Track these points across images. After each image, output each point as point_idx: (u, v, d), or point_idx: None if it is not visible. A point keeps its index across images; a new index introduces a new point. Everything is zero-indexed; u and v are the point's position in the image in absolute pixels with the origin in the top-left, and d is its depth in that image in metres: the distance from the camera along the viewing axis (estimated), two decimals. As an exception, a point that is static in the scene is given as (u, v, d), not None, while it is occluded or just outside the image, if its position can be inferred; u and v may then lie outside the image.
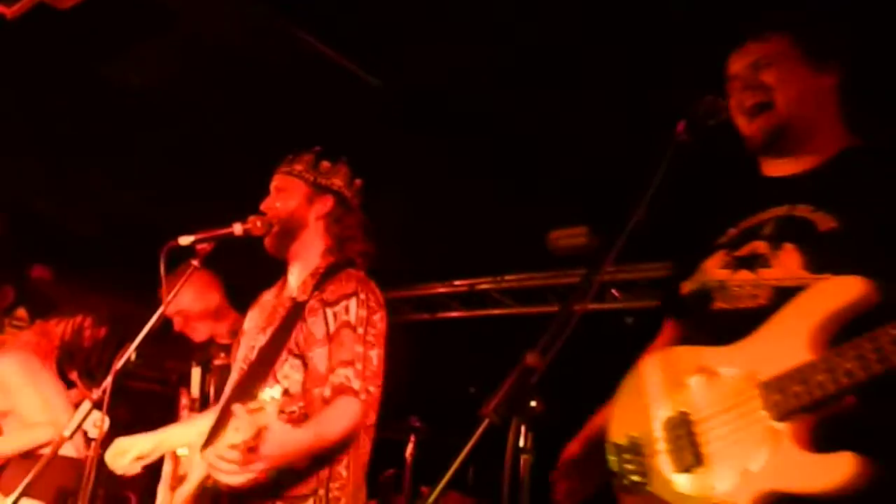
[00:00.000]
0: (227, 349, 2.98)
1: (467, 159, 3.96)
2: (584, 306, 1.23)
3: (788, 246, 1.32)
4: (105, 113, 3.74)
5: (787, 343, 1.22)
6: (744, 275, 1.36)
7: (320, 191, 2.01)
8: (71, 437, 1.61)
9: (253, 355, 1.89)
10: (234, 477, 1.52)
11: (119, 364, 1.67)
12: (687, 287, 1.48)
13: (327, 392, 1.75)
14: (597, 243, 4.15)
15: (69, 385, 4.00)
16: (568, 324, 1.13)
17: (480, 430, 1.04)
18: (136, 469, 1.93)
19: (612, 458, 1.41)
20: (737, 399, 1.25)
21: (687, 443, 1.29)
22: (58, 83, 3.56)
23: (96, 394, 1.63)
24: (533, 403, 1.04)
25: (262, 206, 1.99)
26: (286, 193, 1.99)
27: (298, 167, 2.02)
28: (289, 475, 1.72)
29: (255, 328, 1.99)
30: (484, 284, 5.19)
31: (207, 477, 1.63)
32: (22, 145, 4.18)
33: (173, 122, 3.77)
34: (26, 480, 2.78)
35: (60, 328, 3.96)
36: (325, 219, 2.00)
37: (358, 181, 2.11)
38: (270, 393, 1.39)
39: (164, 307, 1.77)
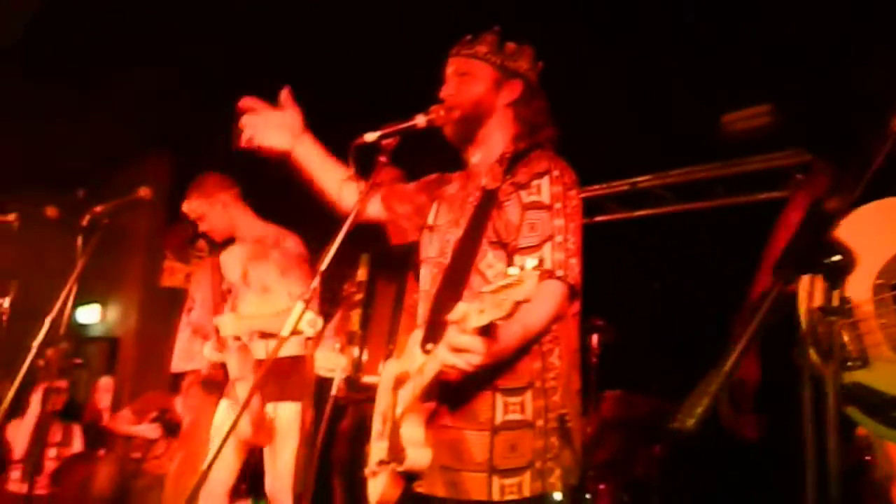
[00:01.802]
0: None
1: (619, 38, 3.63)
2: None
3: None
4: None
5: None
6: None
7: (508, 75, 1.88)
8: (288, 338, 1.63)
9: (450, 249, 1.84)
10: (474, 360, 1.45)
11: (322, 266, 1.66)
12: None
13: None
14: (782, 123, 3.73)
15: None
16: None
17: (772, 296, 0.87)
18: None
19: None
20: None
21: None
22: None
23: (305, 295, 1.64)
24: (836, 258, 0.85)
25: (442, 93, 1.88)
26: (470, 77, 1.86)
27: (482, 49, 1.88)
28: (503, 369, 1.68)
29: (445, 223, 1.92)
30: (645, 182, 4.91)
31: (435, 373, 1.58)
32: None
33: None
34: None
35: (241, 252, 4.17)
36: (514, 105, 1.88)
37: (540, 64, 1.96)
38: (529, 262, 1.29)
39: (359, 206, 1.73)
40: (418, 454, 1.64)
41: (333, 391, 2.87)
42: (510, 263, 1.68)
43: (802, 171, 4.30)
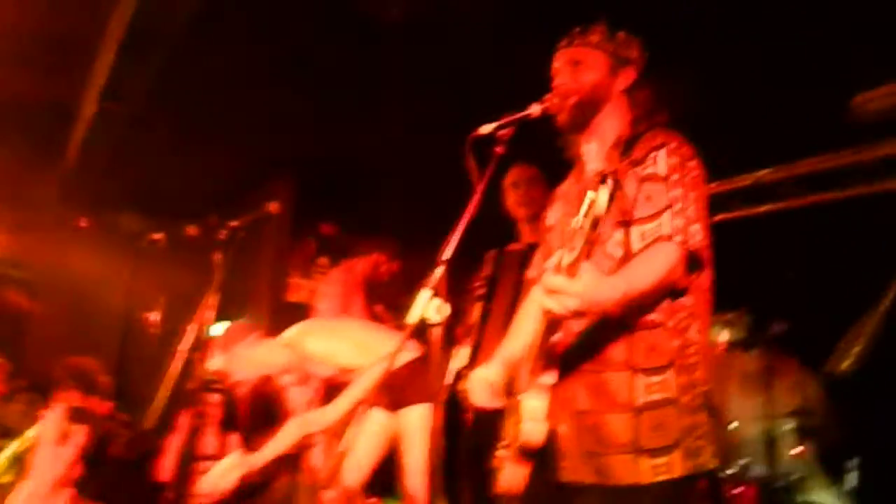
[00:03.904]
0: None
1: (733, 19, 3.48)
2: None
3: None
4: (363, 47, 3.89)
5: None
6: None
7: (621, 62, 1.90)
8: (414, 325, 1.68)
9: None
10: (569, 303, 1.43)
11: (446, 255, 1.71)
12: None
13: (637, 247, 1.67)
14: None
15: (375, 319, 4.39)
16: None
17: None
18: (498, 403, 1.86)
19: None
20: None
21: None
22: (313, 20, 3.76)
23: (430, 283, 1.69)
24: None
25: (556, 83, 1.90)
26: (584, 65, 1.88)
27: (594, 38, 1.90)
28: (642, 348, 1.65)
29: (564, 217, 1.93)
30: (769, 175, 4.67)
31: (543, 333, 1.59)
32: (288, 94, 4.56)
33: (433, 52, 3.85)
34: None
35: (360, 266, 4.35)
36: (629, 91, 1.90)
37: (647, 53, 1.96)
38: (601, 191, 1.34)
39: (477, 198, 1.77)
40: (533, 428, 1.61)
41: (448, 381, 2.92)
42: (627, 236, 1.68)
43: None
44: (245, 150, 5.42)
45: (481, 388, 1.86)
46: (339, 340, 3.29)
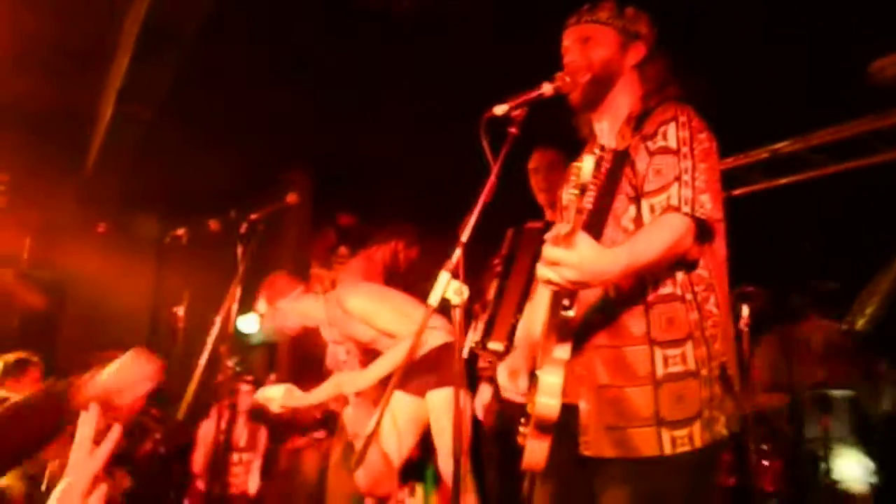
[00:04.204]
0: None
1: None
2: None
3: None
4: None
5: None
6: None
7: (631, 38, 1.89)
8: (436, 306, 1.70)
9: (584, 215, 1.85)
10: (568, 274, 1.44)
11: (464, 237, 1.72)
12: None
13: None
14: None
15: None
16: None
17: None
18: (521, 389, 1.88)
19: None
20: None
21: None
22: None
23: (450, 265, 1.70)
24: None
25: (566, 61, 1.90)
26: (594, 42, 1.88)
27: (603, 14, 1.90)
28: (660, 322, 1.67)
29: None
30: (787, 147, 4.62)
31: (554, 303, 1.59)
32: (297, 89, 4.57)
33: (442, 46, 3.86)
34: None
35: (380, 253, 4.38)
36: (639, 66, 1.89)
37: (656, 28, 1.96)
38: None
39: (493, 179, 1.78)
40: (548, 403, 1.59)
41: (464, 354, 2.93)
42: (639, 210, 1.69)
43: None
44: (261, 146, 5.49)
45: (503, 379, 1.89)
46: (381, 304, 3.30)
